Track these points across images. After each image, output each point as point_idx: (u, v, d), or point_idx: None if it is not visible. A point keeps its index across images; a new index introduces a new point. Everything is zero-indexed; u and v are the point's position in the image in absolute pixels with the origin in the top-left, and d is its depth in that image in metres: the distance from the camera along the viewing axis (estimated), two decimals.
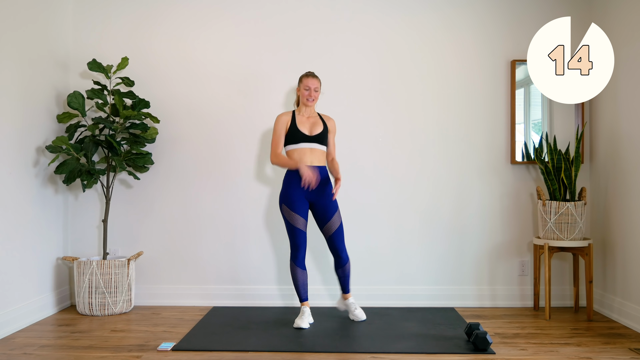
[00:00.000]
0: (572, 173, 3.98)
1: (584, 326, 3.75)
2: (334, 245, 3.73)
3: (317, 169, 3.67)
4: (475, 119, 4.31)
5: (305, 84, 3.73)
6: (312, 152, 3.69)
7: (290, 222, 3.66)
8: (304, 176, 3.53)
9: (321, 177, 3.67)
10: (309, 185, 3.58)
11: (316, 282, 4.28)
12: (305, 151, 3.69)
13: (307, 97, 3.73)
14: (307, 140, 3.69)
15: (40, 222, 3.93)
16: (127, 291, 4.04)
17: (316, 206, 3.70)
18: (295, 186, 3.66)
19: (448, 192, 4.31)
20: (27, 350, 3.20)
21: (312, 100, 3.74)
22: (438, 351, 3.18)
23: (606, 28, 4.06)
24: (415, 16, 4.32)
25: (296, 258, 3.68)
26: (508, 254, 4.32)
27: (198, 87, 4.33)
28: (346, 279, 3.79)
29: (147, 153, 4.11)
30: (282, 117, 3.75)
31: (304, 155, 3.68)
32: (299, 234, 3.67)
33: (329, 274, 4.27)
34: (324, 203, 3.69)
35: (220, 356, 3.11)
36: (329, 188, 3.71)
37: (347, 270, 3.77)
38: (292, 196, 3.66)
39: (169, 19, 4.33)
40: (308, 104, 3.75)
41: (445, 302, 4.26)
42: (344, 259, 3.75)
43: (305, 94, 3.74)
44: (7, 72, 3.57)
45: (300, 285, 3.70)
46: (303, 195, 3.67)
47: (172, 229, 4.33)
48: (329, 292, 4.27)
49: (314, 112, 3.82)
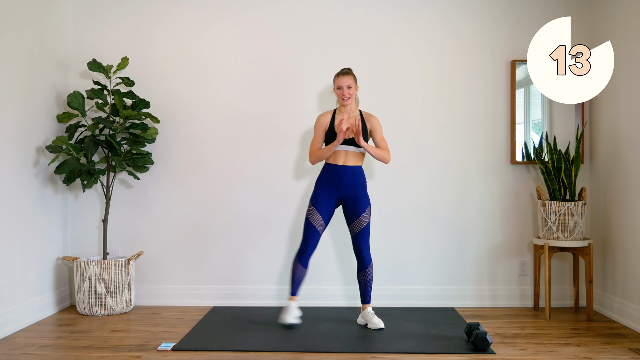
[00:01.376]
0: (572, 173, 3.98)
1: (584, 326, 3.75)
2: (358, 244, 3.65)
3: (351, 168, 3.63)
4: (475, 118, 4.31)
5: (337, 84, 3.62)
6: (346, 155, 3.63)
7: (310, 218, 3.63)
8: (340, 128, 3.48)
9: (357, 178, 3.63)
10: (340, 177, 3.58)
11: (316, 282, 4.27)
12: (340, 153, 3.63)
13: (342, 96, 3.62)
14: (342, 143, 3.61)
15: (40, 222, 3.93)
16: (127, 291, 4.04)
17: (348, 202, 3.65)
18: (326, 185, 3.64)
19: (448, 192, 4.31)
20: (27, 350, 3.20)
21: (348, 98, 3.61)
22: (438, 351, 3.18)
23: (606, 28, 4.07)
24: (415, 16, 4.32)
25: (302, 256, 3.65)
26: (508, 254, 4.32)
27: (198, 87, 4.32)
28: (367, 286, 3.70)
29: (147, 153, 4.11)
30: (321, 118, 3.70)
31: (338, 157, 3.63)
32: (314, 232, 3.62)
33: (327, 274, 4.27)
34: (355, 199, 3.63)
35: (220, 356, 3.11)
36: (362, 187, 3.66)
37: (368, 276, 3.68)
38: (319, 195, 3.64)
39: (169, 18, 4.33)
40: (344, 104, 3.63)
41: (445, 302, 4.26)
42: (365, 259, 3.66)
43: (339, 93, 3.63)
44: (7, 72, 3.57)
45: (296, 281, 3.67)
46: (332, 194, 3.63)
47: (172, 229, 4.33)
48: (329, 292, 4.27)
49: (354, 110, 3.69)
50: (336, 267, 4.30)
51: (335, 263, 4.30)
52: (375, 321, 3.62)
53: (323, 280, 4.29)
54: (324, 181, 3.66)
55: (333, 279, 4.28)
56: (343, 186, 3.62)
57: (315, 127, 3.71)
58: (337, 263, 4.30)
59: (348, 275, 4.27)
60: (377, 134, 3.70)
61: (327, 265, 4.28)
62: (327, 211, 3.64)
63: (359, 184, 3.66)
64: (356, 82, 3.67)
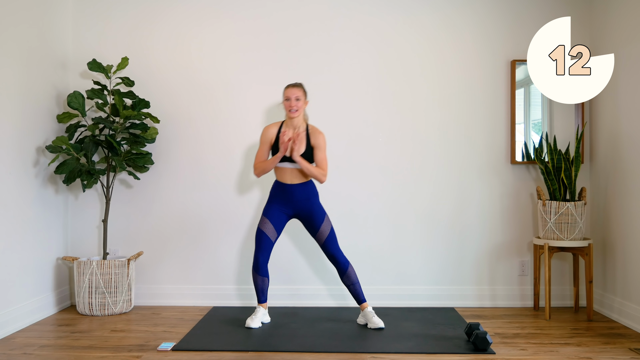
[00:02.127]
0: (572, 173, 3.98)
1: (584, 326, 3.75)
2: (329, 252, 3.67)
3: (299, 185, 3.62)
4: (475, 118, 4.31)
5: (286, 95, 3.60)
6: (292, 172, 3.62)
7: (261, 227, 3.64)
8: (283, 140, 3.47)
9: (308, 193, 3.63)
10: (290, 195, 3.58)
11: (316, 282, 4.28)
12: (286, 171, 3.62)
13: (289, 107, 3.58)
14: (288, 160, 3.60)
15: (40, 222, 3.93)
16: (127, 291, 4.04)
17: (304, 218, 3.67)
18: (278, 200, 3.65)
19: (448, 192, 4.31)
20: (27, 350, 3.20)
21: (295, 111, 3.57)
22: (438, 351, 3.18)
23: (606, 28, 4.07)
24: (415, 16, 4.32)
25: (257, 266, 3.64)
26: (508, 254, 4.32)
27: (198, 87, 4.32)
28: (355, 287, 3.68)
29: (147, 153, 4.11)
30: (267, 130, 3.67)
31: (284, 175, 3.62)
32: (265, 240, 3.62)
33: (327, 274, 4.27)
34: (310, 214, 3.65)
35: (220, 356, 3.11)
36: (314, 201, 3.66)
37: (352, 276, 3.66)
38: (272, 208, 3.65)
39: (169, 19, 4.33)
40: (291, 115, 3.58)
41: (446, 302, 4.26)
42: (342, 263, 3.66)
43: (287, 104, 3.60)
44: (7, 72, 3.57)
45: (261, 290, 3.68)
46: (285, 209, 3.65)
47: (172, 229, 4.33)
48: (329, 292, 4.27)
49: (301, 124, 3.64)
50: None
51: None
52: (376, 320, 3.62)
53: (323, 281, 4.29)
54: (276, 197, 3.67)
55: (333, 279, 4.28)
56: (295, 202, 3.64)
57: (261, 138, 3.68)
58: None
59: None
60: (319, 151, 3.61)
61: (327, 265, 4.28)
62: (278, 221, 3.65)
63: (310, 198, 3.66)
64: (306, 97, 3.66)
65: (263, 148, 3.68)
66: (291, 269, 4.30)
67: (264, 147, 3.68)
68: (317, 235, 3.67)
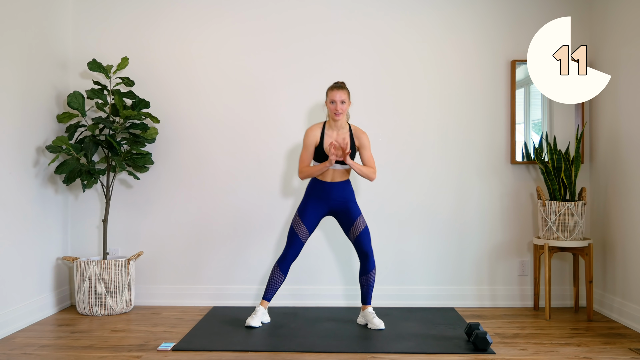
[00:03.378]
0: (572, 173, 3.98)
1: (584, 326, 3.75)
2: (362, 247, 3.62)
3: (339, 183, 3.62)
4: (475, 118, 4.31)
5: (330, 97, 3.54)
6: (334, 172, 3.62)
7: (294, 228, 3.64)
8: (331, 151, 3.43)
9: (345, 193, 3.63)
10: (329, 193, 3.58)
11: (316, 282, 4.28)
12: (328, 171, 3.61)
13: (334, 111, 3.52)
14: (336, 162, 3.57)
15: (40, 222, 3.93)
16: (127, 291, 4.04)
17: (339, 213, 3.65)
18: (315, 199, 3.63)
19: (448, 191, 4.31)
20: (27, 350, 3.20)
21: (340, 114, 3.52)
22: (438, 351, 3.18)
23: (606, 28, 4.07)
24: (415, 16, 4.32)
25: (283, 261, 3.65)
26: (508, 254, 4.32)
27: (198, 86, 4.32)
28: (369, 289, 3.68)
29: (147, 153, 4.11)
30: (311, 133, 3.61)
31: (326, 174, 3.62)
32: (297, 241, 3.63)
33: (327, 274, 4.27)
34: (346, 209, 3.64)
35: (220, 356, 3.11)
36: (351, 198, 3.66)
37: (371, 280, 3.66)
38: (307, 207, 3.63)
39: (169, 18, 4.33)
40: (335, 119, 3.55)
41: (445, 302, 4.26)
42: (371, 262, 3.63)
43: (332, 107, 3.54)
44: (7, 72, 3.57)
45: (272, 286, 3.66)
46: (321, 208, 3.63)
47: (172, 229, 4.33)
48: (329, 293, 4.27)
49: (344, 125, 3.63)
50: (336, 268, 4.30)
51: (335, 263, 4.30)
52: (376, 322, 3.62)
53: (323, 280, 4.29)
54: (313, 195, 3.65)
55: (333, 279, 4.28)
56: (332, 200, 3.63)
57: (305, 141, 3.63)
58: (336, 263, 4.30)
59: (348, 276, 4.27)
60: (365, 151, 3.64)
61: (327, 265, 4.28)
62: (312, 222, 3.64)
63: (348, 198, 3.66)
64: (349, 97, 3.61)
65: (308, 151, 3.61)
66: (291, 269, 4.28)
67: (308, 149, 3.61)
68: (352, 228, 3.63)
